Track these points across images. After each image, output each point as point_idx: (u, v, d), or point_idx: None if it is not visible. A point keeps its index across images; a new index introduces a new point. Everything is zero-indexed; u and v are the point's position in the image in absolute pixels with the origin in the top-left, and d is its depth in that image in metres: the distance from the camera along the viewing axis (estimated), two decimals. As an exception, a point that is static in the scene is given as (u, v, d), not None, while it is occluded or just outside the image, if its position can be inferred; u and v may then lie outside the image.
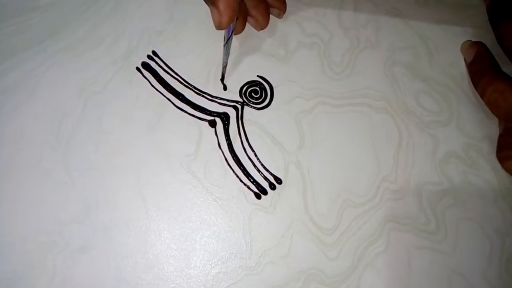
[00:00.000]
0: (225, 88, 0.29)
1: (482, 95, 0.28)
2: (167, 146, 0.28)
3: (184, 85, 0.30)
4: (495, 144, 0.29)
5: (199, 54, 0.30)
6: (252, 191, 0.28)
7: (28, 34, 0.30)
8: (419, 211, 0.28)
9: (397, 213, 0.28)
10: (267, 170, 0.28)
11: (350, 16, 0.32)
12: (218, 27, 0.23)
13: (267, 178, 0.28)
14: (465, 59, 0.30)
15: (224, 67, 0.28)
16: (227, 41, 0.25)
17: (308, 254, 0.27)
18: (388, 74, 0.30)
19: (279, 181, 0.28)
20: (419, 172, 0.29)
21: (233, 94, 0.30)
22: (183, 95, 0.29)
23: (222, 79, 0.29)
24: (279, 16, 0.30)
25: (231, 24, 0.24)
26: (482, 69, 0.28)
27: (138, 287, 0.26)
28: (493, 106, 0.27)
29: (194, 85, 0.30)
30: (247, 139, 0.29)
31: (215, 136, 0.29)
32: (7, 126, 0.28)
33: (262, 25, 0.29)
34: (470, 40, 0.30)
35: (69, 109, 0.29)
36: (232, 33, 0.25)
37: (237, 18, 0.26)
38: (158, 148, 0.28)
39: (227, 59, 0.27)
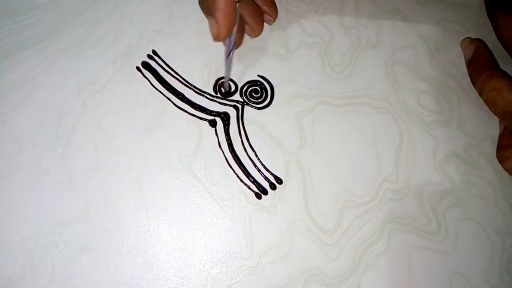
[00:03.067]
0: (230, 95, 0.29)
1: (480, 93, 0.28)
2: (167, 146, 0.28)
3: (184, 85, 0.29)
4: (496, 144, 0.29)
5: (199, 53, 0.30)
6: (253, 191, 0.28)
7: (27, 33, 0.30)
8: (420, 212, 0.28)
9: (398, 213, 0.28)
10: (268, 170, 0.28)
11: (351, 15, 0.31)
12: (216, 39, 0.23)
13: (267, 178, 0.28)
14: (464, 57, 0.30)
15: (227, 81, 0.28)
16: (229, 55, 0.25)
17: (309, 255, 0.27)
18: (389, 73, 0.30)
19: (279, 181, 0.28)
20: (420, 172, 0.29)
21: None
22: (183, 95, 0.29)
23: (228, 93, 0.29)
24: (269, 22, 0.30)
25: (231, 36, 0.23)
26: (480, 66, 0.28)
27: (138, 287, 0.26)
28: (491, 104, 0.27)
29: (194, 85, 0.29)
30: (247, 138, 0.29)
31: (216, 136, 0.29)
32: (6, 126, 0.28)
33: (257, 33, 0.29)
34: (470, 37, 0.30)
35: (68, 108, 0.29)
36: (233, 46, 0.24)
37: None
38: (158, 148, 0.28)
39: (229, 73, 0.27)
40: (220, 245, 0.27)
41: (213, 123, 0.29)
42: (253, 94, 0.29)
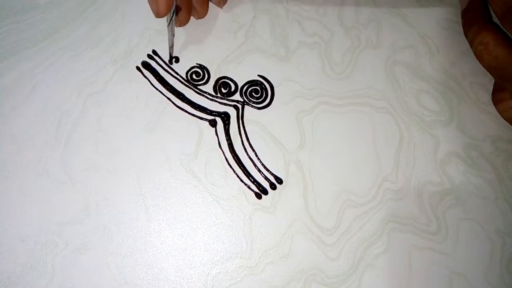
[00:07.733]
0: (171, 61, 0.30)
1: (470, 46, 0.28)
2: (167, 146, 0.28)
3: (185, 85, 0.29)
4: (496, 144, 0.29)
5: (199, 52, 0.30)
6: (253, 191, 0.28)
7: (27, 33, 0.30)
8: (420, 212, 0.28)
9: (398, 213, 0.28)
10: (268, 170, 0.28)
11: (351, 15, 0.31)
12: (157, 15, 0.24)
13: (267, 178, 0.28)
14: (460, 7, 0.29)
15: (171, 47, 0.29)
16: (170, 22, 0.26)
17: (309, 254, 0.27)
18: (389, 73, 0.30)
19: (279, 181, 0.28)
20: (420, 172, 0.29)
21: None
22: (183, 95, 0.29)
23: (170, 61, 0.30)
24: (219, 5, 0.30)
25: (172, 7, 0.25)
26: (472, 18, 0.27)
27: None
28: (479, 58, 0.27)
29: (194, 84, 0.29)
30: (247, 138, 0.29)
31: (216, 136, 0.29)
32: (6, 126, 0.28)
33: (200, 14, 0.30)
34: None
35: (68, 108, 0.29)
36: (173, 13, 0.26)
37: (180, 9, 0.27)
38: (158, 148, 0.28)
39: (173, 39, 0.28)
40: (220, 245, 0.27)
41: (213, 123, 0.29)
42: (253, 94, 0.29)
